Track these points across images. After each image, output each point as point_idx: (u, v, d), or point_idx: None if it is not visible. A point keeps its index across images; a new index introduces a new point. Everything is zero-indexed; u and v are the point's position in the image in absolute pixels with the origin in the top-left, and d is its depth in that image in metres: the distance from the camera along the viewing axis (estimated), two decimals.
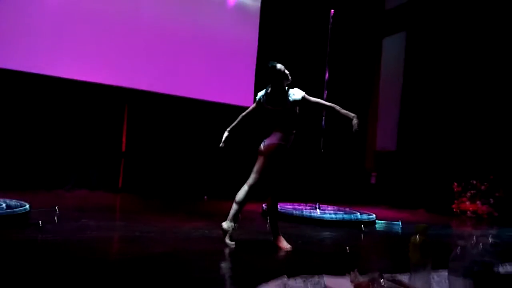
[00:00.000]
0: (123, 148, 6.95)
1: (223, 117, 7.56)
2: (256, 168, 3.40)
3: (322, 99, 5.61)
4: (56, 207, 4.26)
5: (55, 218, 3.93)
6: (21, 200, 4.28)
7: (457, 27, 7.58)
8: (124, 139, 6.96)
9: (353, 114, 3.34)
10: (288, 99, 3.34)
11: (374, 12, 9.13)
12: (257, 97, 3.51)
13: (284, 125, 3.37)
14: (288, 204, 5.59)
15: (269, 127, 3.46)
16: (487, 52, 7.15)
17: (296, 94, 3.36)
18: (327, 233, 4.36)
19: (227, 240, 3.28)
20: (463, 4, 7.53)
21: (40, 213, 3.98)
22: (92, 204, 5.28)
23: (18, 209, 3.78)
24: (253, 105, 3.54)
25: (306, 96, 3.37)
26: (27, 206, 3.95)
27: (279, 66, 3.36)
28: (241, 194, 3.38)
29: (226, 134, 3.54)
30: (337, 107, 3.37)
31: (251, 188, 3.38)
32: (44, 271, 2.35)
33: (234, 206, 3.36)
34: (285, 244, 3.40)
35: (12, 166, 6.01)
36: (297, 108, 3.39)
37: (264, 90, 3.46)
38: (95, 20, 6.35)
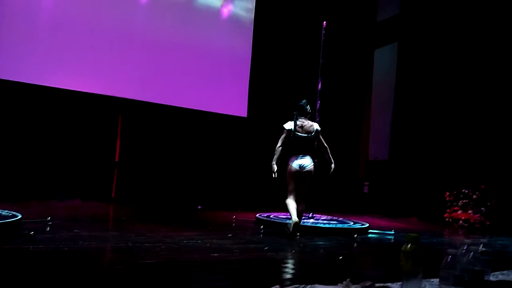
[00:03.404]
0: (117, 158, 6.93)
1: (217, 127, 7.63)
2: (295, 185, 4.48)
3: (315, 109, 5.73)
4: (49, 217, 4.23)
5: (47, 228, 3.91)
6: (13, 210, 4.25)
7: (448, 38, 7.70)
8: (117, 149, 6.94)
9: (332, 163, 4.70)
10: (316, 129, 4.57)
11: (366, 23, 9.25)
12: (287, 127, 4.50)
13: (309, 148, 4.52)
14: (282, 213, 5.60)
15: (292, 150, 4.50)
16: (478, 62, 7.25)
17: (316, 126, 4.61)
18: (320, 242, 4.37)
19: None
20: (453, 15, 7.66)
21: (32, 223, 3.95)
22: (85, 214, 5.25)
23: (9, 219, 3.75)
24: (284, 134, 4.50)
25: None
26: (19, 216, 3.92)
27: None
28: (291, 203, 4.44)
29: (275, 167, 4.45)
30: (328, 150, 4.68)
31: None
32: (35, 281, 2.33)
33: (291, 210, 4.41)
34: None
35: (4, 176, 5.96)
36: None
37: (293, 122, 4.50)
38: (89, 31, 6.37)
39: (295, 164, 4.45)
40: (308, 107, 4.63)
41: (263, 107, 7.86)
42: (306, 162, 4.47)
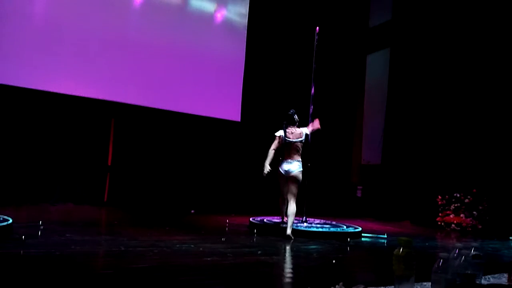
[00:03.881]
0: (109, 162, 6.90)
1: (210, 131, 7.62)
2: (284, 188, 4.77)
3: (308, 114, 5.76)
4: (40, 221, 4.20)
5: (39, 232, 3.87)
6: (4, 214, 4.21)
7: (440, 44, 7.78)
8: (110, 153, 6.91)
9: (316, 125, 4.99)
10: (306, 134, 4.84)
11: (358, 29, 9.32)
12: (278, 134, 4.78)
13: (298, 153, 4.77)
14: (276, 217, 5.60)
15: (283, 155, 4.77)
16: (469, 67, 7.33)
17: (305, 130, 4.86)
18: (314, 246, 4.37)
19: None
20: (445, 21, 7.74)
21: (23, 227, 3.91)
22: (77, 218, 5.21)
23: (0, 223, 3.71)
24: (277, 140, 4.77)
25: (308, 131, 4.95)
26: (10, 220, 3.88)
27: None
28: (282, 202, 4.96)
29: (268, 167, 4.67)
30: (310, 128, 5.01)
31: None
32: (26, 286, 2.31)
33: (282, 209, 4.99)
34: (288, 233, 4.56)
35: None
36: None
37: (283, 130, 4.77)
38: (82, 34, 6.35)
39: (282, 169, 4.74)
40: (296, 116, 4.89)
41: (257, 112, 7.88)
42: (293, 167, 4.70)
